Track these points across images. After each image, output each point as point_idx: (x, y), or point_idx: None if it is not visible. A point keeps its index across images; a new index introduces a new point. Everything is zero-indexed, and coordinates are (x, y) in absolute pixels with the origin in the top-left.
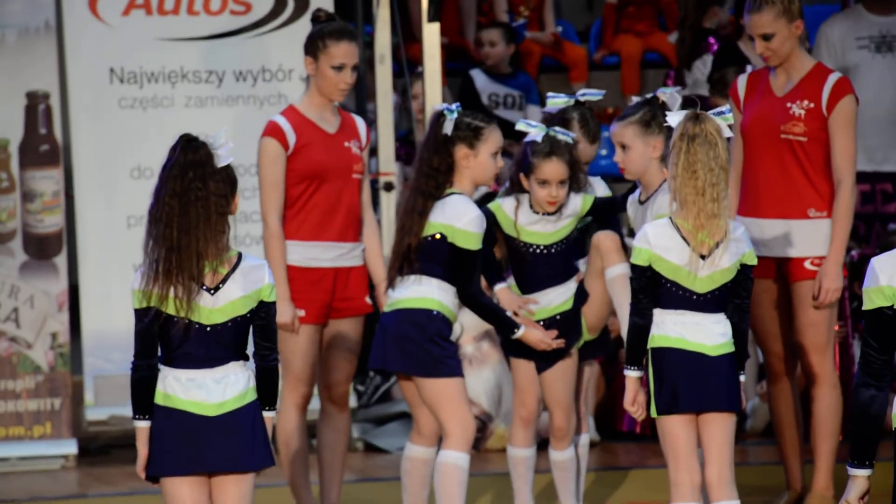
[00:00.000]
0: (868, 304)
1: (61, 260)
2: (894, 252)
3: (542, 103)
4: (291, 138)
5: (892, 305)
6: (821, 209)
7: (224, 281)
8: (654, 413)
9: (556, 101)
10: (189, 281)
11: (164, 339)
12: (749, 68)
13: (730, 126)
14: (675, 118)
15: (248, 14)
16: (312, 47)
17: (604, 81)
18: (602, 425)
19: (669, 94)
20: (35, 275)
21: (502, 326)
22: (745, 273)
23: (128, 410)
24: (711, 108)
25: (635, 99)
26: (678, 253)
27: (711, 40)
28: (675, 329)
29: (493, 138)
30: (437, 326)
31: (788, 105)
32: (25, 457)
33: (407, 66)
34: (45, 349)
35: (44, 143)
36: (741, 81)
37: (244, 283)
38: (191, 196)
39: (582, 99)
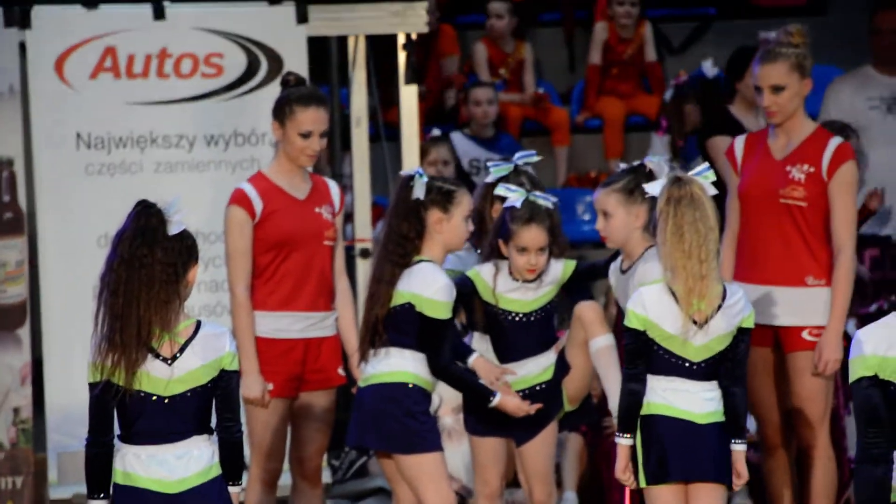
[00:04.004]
0: (852, 375)
1: (24, 332)
2: (881, 322)
3: None
4: (258, 206)
5: (876, 375)
6: (819, 277)
7: (182, 350)
8: (642, 483)
9: (499, 170)
10: (132, 351)
11: (121, 414)
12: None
13: (713, 183)
14: (654, 188)
15: (220, 77)
16: (280, 112)
17: (586, 144)
18: (587, 500)
19: (657, 163)
20: None
21: (477, 395)
22: (740, 337)
23: None
24: None
25: (621, 165)
26: (673, 320)
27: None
28: (661, 395)
29: (465, 201)
30: (414, 400)
31: (788, 168)
32: None
33: (384, 129)
34: (7, 425)
35: (7, 211)
36: (738, 143)
37: (203, 351)
38: (135, 263)
39: (520, 163)
